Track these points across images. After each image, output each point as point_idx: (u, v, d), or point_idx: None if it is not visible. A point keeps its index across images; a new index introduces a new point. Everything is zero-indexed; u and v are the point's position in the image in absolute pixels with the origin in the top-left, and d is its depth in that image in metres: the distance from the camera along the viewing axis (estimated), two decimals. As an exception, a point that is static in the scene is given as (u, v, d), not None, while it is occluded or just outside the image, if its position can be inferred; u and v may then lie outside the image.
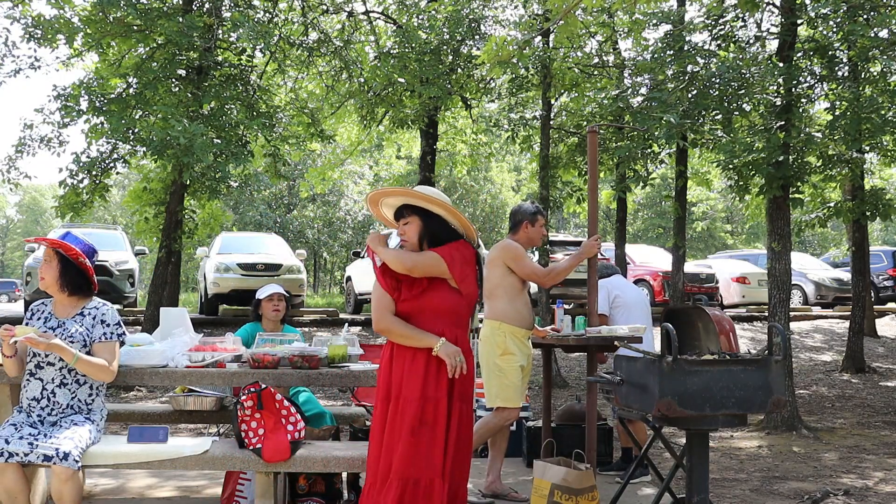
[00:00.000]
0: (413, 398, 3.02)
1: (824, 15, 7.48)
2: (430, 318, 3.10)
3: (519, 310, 4.69)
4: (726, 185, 10.76)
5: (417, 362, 3.06)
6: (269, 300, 4.80)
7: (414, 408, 3.00)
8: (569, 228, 39.71)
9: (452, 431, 3.05)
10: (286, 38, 10.19)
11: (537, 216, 4.87)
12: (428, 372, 3.05)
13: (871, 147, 8.68)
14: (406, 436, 2.98)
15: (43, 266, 3.46)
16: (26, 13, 9.13)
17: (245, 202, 28.61)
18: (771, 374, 3.37)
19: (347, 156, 15.36)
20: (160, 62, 9.24)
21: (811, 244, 36.32)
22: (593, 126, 5.04)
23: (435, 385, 3.04)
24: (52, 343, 3.25)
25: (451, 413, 3.06)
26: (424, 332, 3.07)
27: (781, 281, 7.32)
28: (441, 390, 3.04)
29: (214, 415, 4.40)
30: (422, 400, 3.01)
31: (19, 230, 60.19)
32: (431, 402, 3.02)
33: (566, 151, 11.39)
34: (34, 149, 9.50)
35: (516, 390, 4.63)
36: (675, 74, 7.98)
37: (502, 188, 33.19)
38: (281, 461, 3.41)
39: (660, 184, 30.58)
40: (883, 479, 5.38)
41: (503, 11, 11.78)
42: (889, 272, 16.80)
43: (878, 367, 10.76)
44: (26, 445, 3.11)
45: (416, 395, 3.02)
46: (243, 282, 12.22)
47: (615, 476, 5.32)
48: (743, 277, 15.69)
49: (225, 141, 9.06)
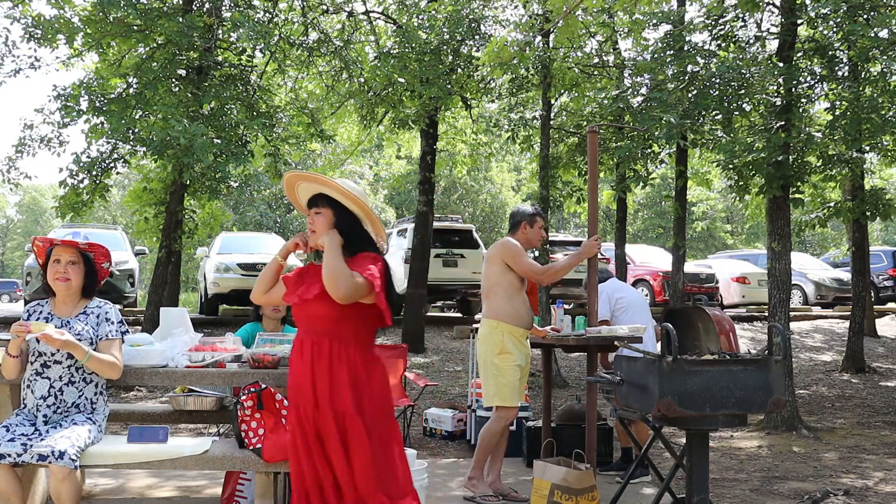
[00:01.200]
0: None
1: (824, 15, 7.48)
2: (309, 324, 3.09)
3: (517, 309, 4.69)
4: (726, 185, 10.76)
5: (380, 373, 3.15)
6: None
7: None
8: (569, 228, 39.71)
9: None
10: (286, 38, 10.18)
11: (536, 217, 4.87)
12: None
13: (871, 147, 8.68)
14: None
15: (70, 269, 3.45)
16: (26, 13, 9.12)
17: (245, 202, 28.62)
18: (771, 374, 3.37)
19: (347, 156, 15.35)
20: (160, 62, 9.24)
21: (811, 244, 36.31)
22: (593, 126, 5.04)
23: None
24: (66, 340, 3.26)
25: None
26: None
27: (781, 281, 7.32)
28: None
29: (214, 415, 4.40)
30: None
31: (19, 230, 60.16)
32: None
33: (566, 151, 11.39)
34: (34, 149, 9.49)
35: (513, 389, 4.64)
36: (675, 74, 7.98)
37: (502, 188, 33.19)
38: (281, 461, 3.41)
39: (660, 184, 30.58)
40: (883, 479, 5.38)
41: (503, 11, 11.78)
42: (889, 272, 16.80)
43: (878, 367, 10.76)
44: (19, 446, 3.10)
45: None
46: (243, 282, 12.22)
47: (615, 476, 5.33)
48: (743, 277, 15.69)
49: (225, 141, 9.05)
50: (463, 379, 9.28)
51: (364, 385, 3.02)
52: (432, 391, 8.57)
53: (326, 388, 2.97)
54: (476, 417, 6.24)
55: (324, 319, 3.02)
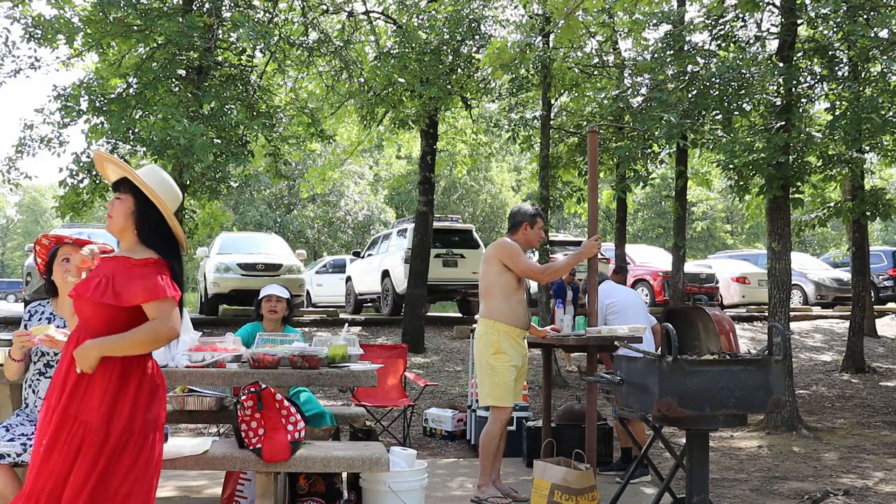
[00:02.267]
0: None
1: (824, 15, 7.48)
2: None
3: (514, 308, 4.70)
4: (726, 185, 10.76)
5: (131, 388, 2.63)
6: (266, 300, 4.82)
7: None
8: (569, 228, 39.70)
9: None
10: (286, 38, 10.18)
11: (537, 218, 4.88)
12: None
13: (871, 147, 8.68)
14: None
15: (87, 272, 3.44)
16: (26, 13, 9.12)
17: (245, 202, 28.62)
18: (771, 374, 3.37)
19: (347, 156, 15.35)
20: (160, 62, 9.23)
21: (811, 244, 36.31)
22: (593, 126, 5.04)
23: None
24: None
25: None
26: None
27: (781, 281, 7.32)
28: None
29: (214, 415, 4.41)
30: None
31: (19, 230, 60.15)
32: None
33: (566, 151, 11.39)
34: (34, 149, 9.48)
35: (508, 389, 4.65)
36: (675, 74, 7.98)
37: (502, 188, 33.21)
38: (281, 461, 3.41)
39: (660, 184, 30.59)
40: (883, 479, 5.38)
41: (503, 12, 11.78)
42: (889, 272, 16.80)
43: (878, 367, 10.76)
44: (18, 446, 3.11)
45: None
46: (243, 282, 12.23)
47: (615, 476, 5.32)
48: (743, 277, 15.69)
49: (225, 141, 9.05)
50: (463, 379, 9.28)
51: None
52: (432, 391, 8.57)
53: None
54: (476, 417, 6.24)
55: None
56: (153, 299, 2.59)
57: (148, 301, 2.59)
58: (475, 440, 6.12)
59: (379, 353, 6.72)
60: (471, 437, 6.37)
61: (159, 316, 2.59)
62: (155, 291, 2.59)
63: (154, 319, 2.59)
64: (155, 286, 2.59)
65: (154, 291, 2.59)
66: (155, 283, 2.60)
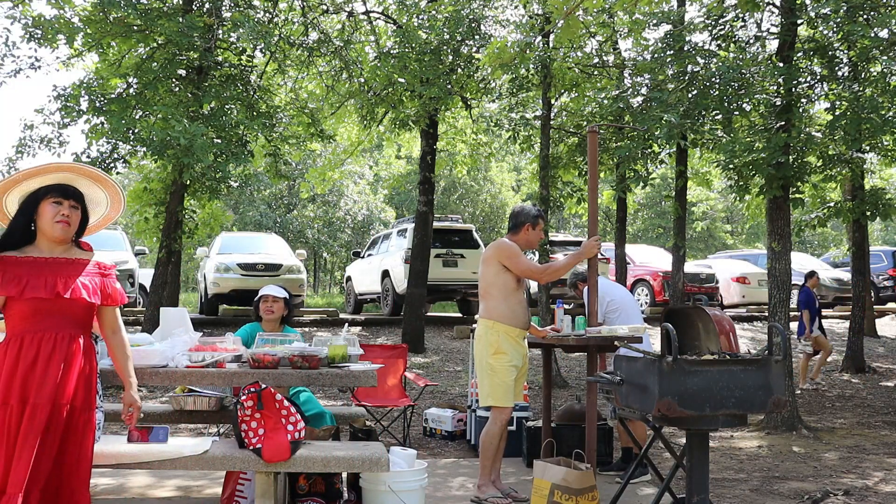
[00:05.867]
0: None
1: (824, 15, 7.49)
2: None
3: (513, 309, 4.70)
4: (726, 185, 10.75)
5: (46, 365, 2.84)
6: (263, 301, 4.82)
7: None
8: (569, 228, 39.67)
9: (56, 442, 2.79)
10: (286, 38, 10.18)
11: (539, 220, 4.89)
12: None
13: (871, 147, 8.69)
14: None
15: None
16: (26, 13, 9.12)
17: (245, 202, 28.60)
18: (771, 374, 3.37)
19: (347, 156, 15.34)
20: (160, 62, 9.24)
21: (811, 244, 36.30)
22: (593, 126, 5.04)
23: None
24: None
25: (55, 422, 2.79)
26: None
27: (781, 281, 7.32)
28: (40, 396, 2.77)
29: (214, 415, 4.41)
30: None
31: (19, 230, 60.04)
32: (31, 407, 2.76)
33: (566, 151, 11.39)
34: (34, 149, 9.49)
35: (507, 390, 4.65)
36: (675, 74, 7.99)
37: (502, 188, 33.18)
38: (281, 461, 3.41)
39: (660, 184, 30.57)
40: (883, 479, 5.38)
41: (503, 12, 11.77)
42: (889, 272, 16.80)
43: (878, 367, 10.76)
44: None
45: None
46: (243, 282, 12.23)
47: (615, 476, 5.32)
48: (743, 277, 15.69)
49: (225, 141, 9.06)
50: (463, 379, 9.28)
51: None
52: (432, 391, 8.57)
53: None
54: (476, 417, 6.24)
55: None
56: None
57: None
58: (475, 440, 6.12)
59: (379, 353, 6.73)
60: (471, 437, 6.37)
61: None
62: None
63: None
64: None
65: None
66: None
